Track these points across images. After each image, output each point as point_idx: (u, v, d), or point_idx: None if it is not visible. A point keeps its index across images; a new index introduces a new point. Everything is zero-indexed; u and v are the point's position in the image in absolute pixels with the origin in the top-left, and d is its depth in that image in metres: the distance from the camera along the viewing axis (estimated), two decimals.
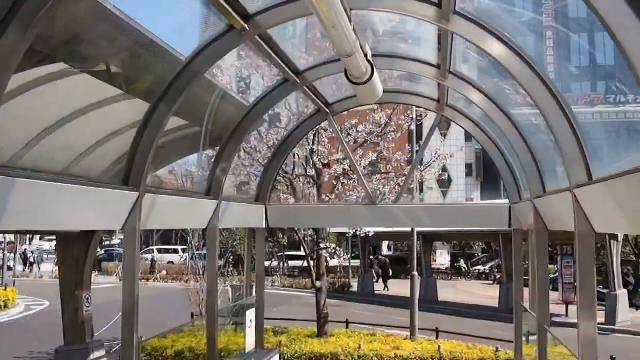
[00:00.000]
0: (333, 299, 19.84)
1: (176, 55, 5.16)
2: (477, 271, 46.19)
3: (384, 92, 7.78)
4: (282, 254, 50.85)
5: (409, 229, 19.97)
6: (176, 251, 51.75)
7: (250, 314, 8.16)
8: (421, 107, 12.27)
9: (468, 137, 67.02)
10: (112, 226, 5.19)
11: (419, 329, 15.35)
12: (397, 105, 14.50)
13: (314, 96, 7.42)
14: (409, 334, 15.25)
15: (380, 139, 14.69)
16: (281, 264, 48.51)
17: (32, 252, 50.00)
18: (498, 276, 37.66)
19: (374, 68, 5.22)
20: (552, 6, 59.60)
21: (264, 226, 8.53)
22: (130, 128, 5.16)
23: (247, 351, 8.09)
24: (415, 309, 15.47)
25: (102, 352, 11.17)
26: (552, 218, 5.81)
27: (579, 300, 4.60)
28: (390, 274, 37.17)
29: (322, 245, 13.74)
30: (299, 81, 6.51)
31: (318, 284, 14.59)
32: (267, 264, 48.28)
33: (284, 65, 6.03)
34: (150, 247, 54.93)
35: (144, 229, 5.26)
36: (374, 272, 36.95)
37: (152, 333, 7.43)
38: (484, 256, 51.23)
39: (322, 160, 13.74)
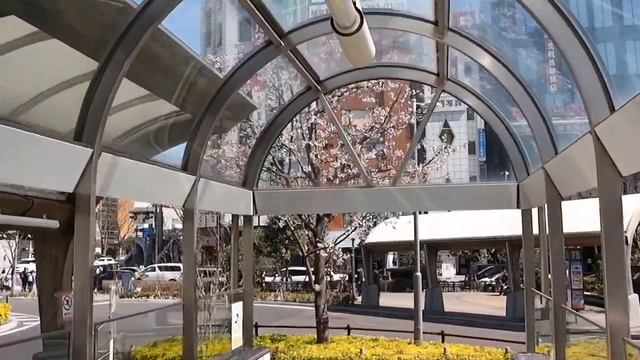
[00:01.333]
0: (336, 312, 19.02)
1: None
2: (483, 283, 45.32)
3: (379, 66, 7.18)
4: (285, 269, 50.01)
5: (411, 238, 19.26)
6: (179, 268, 51.00)
7: (237, 308, 7.47)
8: (419, 82, 11.65)
9: (471, 149, 66.77)
10: (61, 186, 4.53)
11: (423, 332, 14.56)
12: (397, 99, 13.91)
13: (302, 67, 6.81)
14: (412, 338, 14.46)
15: (380, 135, 14.01)
16: (284, 279, 47.65)
17: (32, 272, 49.43)
18: (505, 287, 36.85)
19: (363, 17, 4.62)
20: None
21: (251, 213, 7.88)
22: (84, 79, 4.55)
23: (233, 348, 7.41)
24: (419, 311, 14.72)
25: None
26: (566, 181, 5.15)
27: (606, 268, 3.88)
28: None
29: (320, 246, 13.00)
30: (282, 43, 5.90)
31: (317, 287, 13.86)
32: (269, 279, 47.44)
33: (266, 24, 5.44)
34: (153, 265, 54.40)
35: (102, 195, 4.63)
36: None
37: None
38: (490, 268, 50.34)
39: (319, 156, 13.05)
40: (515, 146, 7.24)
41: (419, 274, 16.40)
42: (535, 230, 7.17)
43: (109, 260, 68.94)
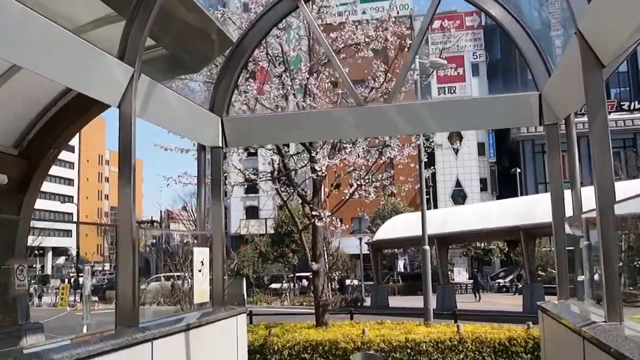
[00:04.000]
0: (344, 313, 17.57)
1: None
2: (497, 284, 43.80)
3: None
4: (293, 274, 48.68)
5: (420, 234, 17.56)
6: (180, 277, 49.76)
7: (201, 253, 6.16)
8: None
9: (481, 150, 65.09)
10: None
11: (434, 314, 13.14)
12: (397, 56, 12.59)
13: None
14: (422, 320, 13.06)
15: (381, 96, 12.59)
16: (292, 285, 46.24)
17: (35, 288, 48.79)
18: (520, 285, 35.39)
19: None
20: None
21: (220, 144, 6.59)
22: None
23: (195, 302, 6.10)
24: (429, 290, 13.30)
25: (40, 336, 9.10)
26: (612, 30, 3.83)
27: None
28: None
29: (315, 214, 11.59)
30: None
31: (315, 266, 12.48)
32: (277, 285, 46.01)
33: None
34: (158, 275, 53.27)
35: None
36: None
37: None
38: (504, 269, 48.82)
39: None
40: (535, 48, 5.93)
41: (427, 247, 14.94)
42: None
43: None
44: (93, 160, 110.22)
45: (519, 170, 54.54)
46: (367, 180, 12.18)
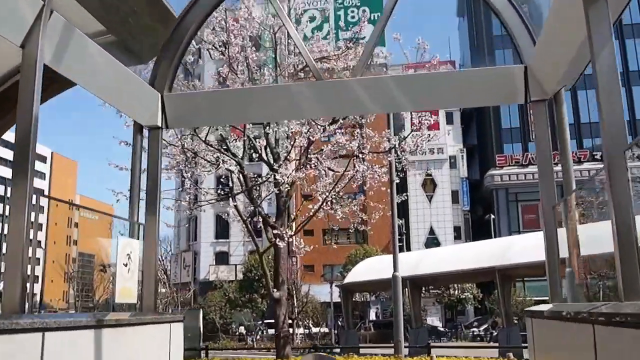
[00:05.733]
0: (309, 348, 16.38)
1: None
2: (471, 333, 42.68)
3: None
4: (261, 321, 47.00)
5: (388, 276, 16.52)
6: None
7: (127, 245, 5.19)
8: None
9: (455, 199, 64.68)
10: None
11: (406, 346, 12.10)
12: None
13: None
14: (392, 352, 12.00)
15: None
16: (261, 332, 44.47)
17: None
18: (495, 333, 34.42)
19: None
20: None
21: (160, 124, 5.69)
22: None
23: (117, 301, 5.09)
24: (400, 322, 12.27)
25: None
26: None
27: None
28: None
29: (276, 232, 10.57)
30: None
31: (276, 293, 11.43)
32: (243, 330, 44.25)
33: None
34: None
35: None
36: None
37: None
38: (478, 318, 47.76)
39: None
40: (517, 15, 5.22)
41: (398, 274, 13.91)
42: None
43: None
44: (62, 204, 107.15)
45: (493, 216, 54.18)
46: (334, 195, 11.29)
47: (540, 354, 4.70)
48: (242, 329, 44.04)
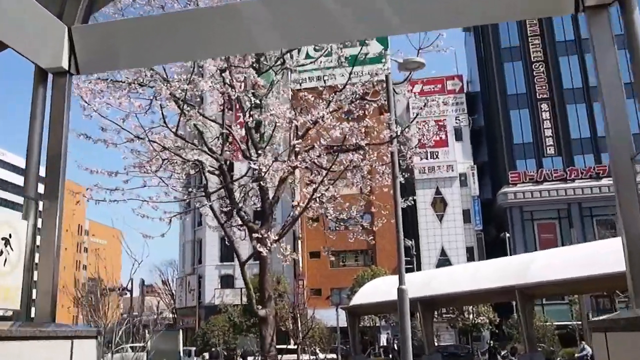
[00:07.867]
0: None
1: None
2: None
3: None
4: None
5: (396, 297, 14.45)
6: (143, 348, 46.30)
7: (5, 225, 3.54)
8: None
9: (466, 218, 62.57)
10: None
11: None
12: None
13: None
14: None
15: None
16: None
17: None
18: (514, 359, 32.45)
19: None
20: None
21: (67, 67, 4.07)
22: None
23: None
24: (408, 343, 10.55)
25: None
26: None
27: None
28: None
29: (256, 235, 8.89)
30: None
31: (262, 311, 9.71)
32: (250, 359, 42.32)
33: None
34: (123, 346, 49.45)
35: None
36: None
37: None
38: (496, 344, 45.48)
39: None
40: None
41: (405, 287, 12.18)
42: None
43: None
44: (72, 229, 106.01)
45: (508, 234, 52.11)
46: (326, 185, 9.64)
47: None
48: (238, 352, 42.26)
